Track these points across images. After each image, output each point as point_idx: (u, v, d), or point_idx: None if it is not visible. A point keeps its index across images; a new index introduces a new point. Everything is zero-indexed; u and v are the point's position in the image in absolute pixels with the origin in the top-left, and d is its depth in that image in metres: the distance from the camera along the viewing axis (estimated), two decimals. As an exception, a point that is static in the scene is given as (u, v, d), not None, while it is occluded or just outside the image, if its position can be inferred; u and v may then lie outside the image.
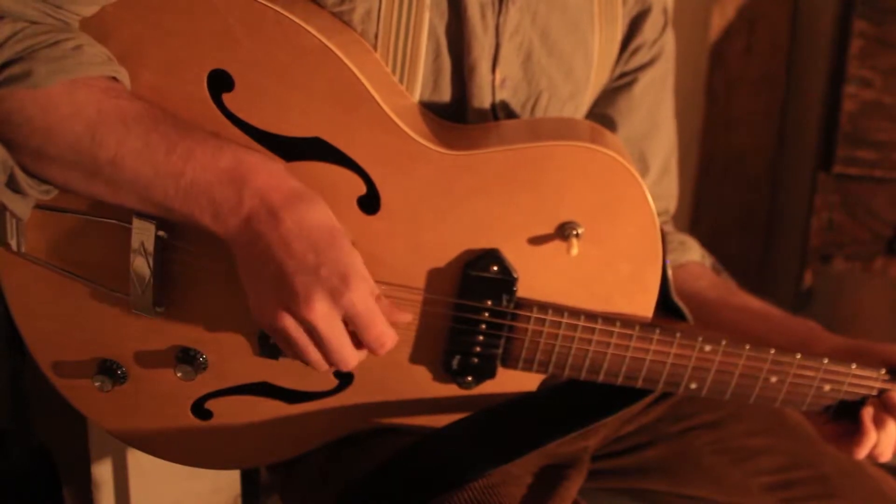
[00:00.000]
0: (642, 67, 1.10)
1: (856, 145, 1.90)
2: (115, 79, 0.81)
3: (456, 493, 0.89)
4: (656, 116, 1.13)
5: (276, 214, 0.78)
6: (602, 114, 1.10)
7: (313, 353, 0.82)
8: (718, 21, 2.20)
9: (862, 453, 0.97)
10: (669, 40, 1.12)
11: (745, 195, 2.34)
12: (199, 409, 0.96)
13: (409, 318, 0.89)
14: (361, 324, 0.81)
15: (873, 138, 1.90)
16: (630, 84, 1.10)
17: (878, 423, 0.96)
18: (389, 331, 0.83)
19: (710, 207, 2.33)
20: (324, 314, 0.79)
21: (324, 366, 0.83)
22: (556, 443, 0.97)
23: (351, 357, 0.83)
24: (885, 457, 0.98)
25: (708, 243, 1.24)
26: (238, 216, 0.78)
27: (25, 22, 0.77)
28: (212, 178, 0.78)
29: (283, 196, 0.79)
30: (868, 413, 0.96)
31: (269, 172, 0.80)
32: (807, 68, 2.26)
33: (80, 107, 0.77)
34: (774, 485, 1.08)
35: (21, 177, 0.79)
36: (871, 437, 0.96)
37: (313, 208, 0.80)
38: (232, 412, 0.96)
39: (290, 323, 0.79)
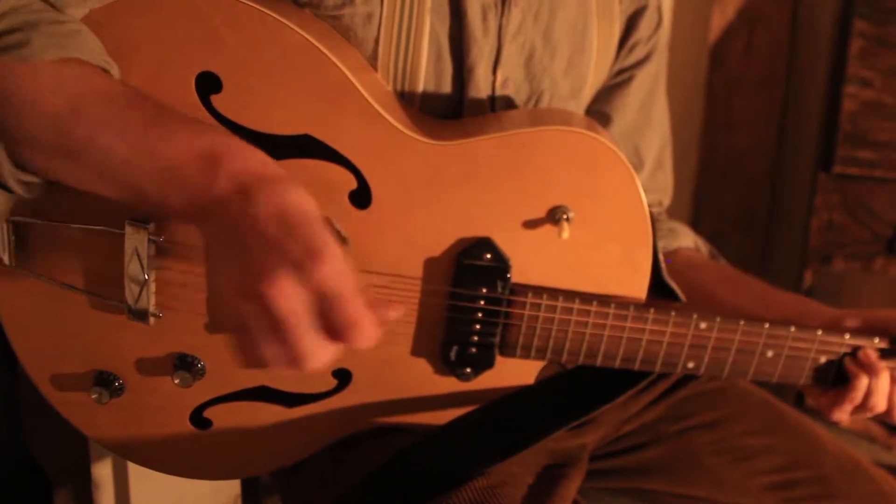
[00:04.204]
0: (638, 64, 1.11)
1: (856, 145, 1.90)
2: (106, 70, 0.81)
3: (457, 493, 0.89)
4: (650, 111, 1.14)
5: (247, 195, 0.70)
6: (598, 110, 1.11)
7: (267, 346, 0.68)
8: (718, 21, 2.20)
9: (858, 398, 0.98)
10: (663, 37, 1.13)
11: (745, 195, 2.34)
12: (198, 419, 0.95)
13: (398, 312, 0.74)
14: (333, 301, 0.67)
15: (873, 138, 1.89)
16: (627, 81, 1.11)
17: (869, 371, 0.98)
18: (369, 316, 0.68)
19: (710, 208, 2.33)
20: (284, 288, 0.66)
21: (279, 359, 0.69)
22: (557, 437, 0.97)
23: (313, 346, 0.68)
24: (880, 406, 0.99)
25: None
26: (208, 197, 0.71)
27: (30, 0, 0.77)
28: (186, 159, 0.73)
29: (258, 178, 0.71)
30: (853, 362, 0.99)
31: (248, 157, 0.73)
32: (807, 68, 2.25)
33: (64, 81, 0.76)
34: (774, 485, 1.08)
35: (4, 161, 0.78)
36: (863, 381, 0.98)
37: (290, 191, 0.71)
38: (231, 419, 0.95)
39: (245, 306, 0.67)
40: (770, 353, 0.96)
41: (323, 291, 0.67)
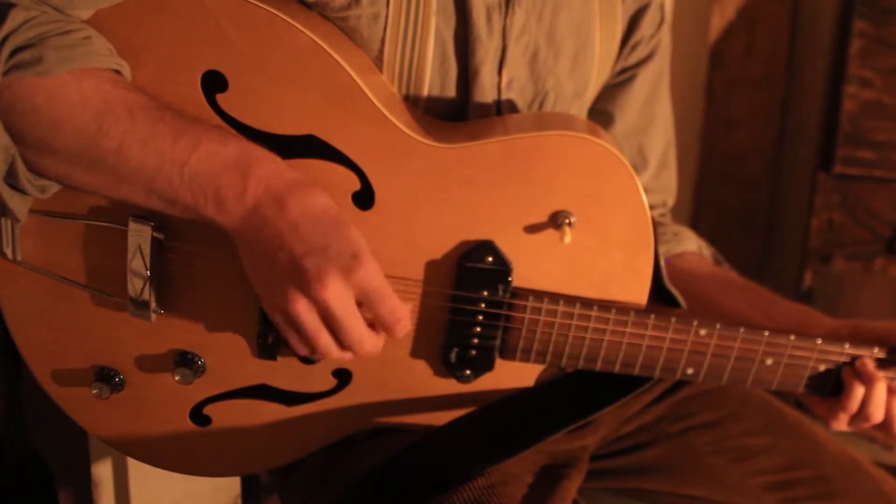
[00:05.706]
0: (641, 63, 1.11)
1: (856, 145, 1.90)
2: (118, 72, 0.82)
3: (456, 493, 0.89)
4: (654, 110, 1.14)
5: (281, 201, 0.78)
6: (602, 109, 1.11)
7: (324, 338, 0.80)
8: (718, 21, 2.20)
9: (853, 407, 0.98)
10: (665, 35, 1.13)
11: (745, 195, 2.34)
12: (198, 415, 0.95)
13: (409, 306, 0.87)
14: (376, 299, 0.80)
15: (873, 138, 1.90)
16: (630, 80, 1.12)
17: (866, 381, 0.98)
18: (403, 306, 0.82)
19: (709, 207, 2.33)
20: (336, 293, 0.78)
21: (335, 351, 0.82)
22: (556, 440, 0.97)
23: (365, 337, 0.81)
24: (876, 416, 0.99)
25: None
26: (243, 204, 0.78)
27: (37, 11, 0.78)
28: (217, 166, 0.78)
29: (286, 183, 0.79)
30: (850, 371, 0.99)
31: (272, 163, 0.81)
32: (807, 68, 2.26)
33: (87, 96, 0.78)
34: (774, 484, 1.08)
35: (21, 169, 0.79)
36: (858, 390, 0.98)
37: (316, 195, 0.80)
38: (231, 417, 0.95)
39: (302, 306, 0.78)
40: (769, 361, 0.96)
41: (367, 290, 0.80)
